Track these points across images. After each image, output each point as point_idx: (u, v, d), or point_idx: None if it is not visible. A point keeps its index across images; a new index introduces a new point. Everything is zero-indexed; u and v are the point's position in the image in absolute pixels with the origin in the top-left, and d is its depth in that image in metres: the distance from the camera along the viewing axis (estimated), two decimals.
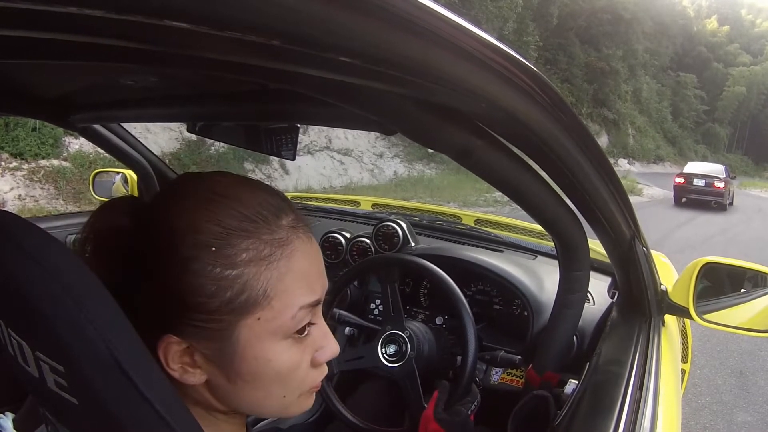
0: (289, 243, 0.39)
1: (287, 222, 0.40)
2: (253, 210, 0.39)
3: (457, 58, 0.32)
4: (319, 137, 10.04)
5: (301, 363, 0.41)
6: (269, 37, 0.23)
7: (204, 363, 0.39)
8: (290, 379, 0.41)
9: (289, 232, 0.40)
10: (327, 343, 0.43)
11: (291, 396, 0.42)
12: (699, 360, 3.18)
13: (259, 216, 0.39)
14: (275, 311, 0.38)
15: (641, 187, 15.25)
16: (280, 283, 0.39)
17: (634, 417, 0.68)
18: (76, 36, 0.22)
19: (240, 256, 0.37)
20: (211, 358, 0.38)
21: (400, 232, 1.39)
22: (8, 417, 0.46)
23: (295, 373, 0.41)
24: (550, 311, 0.97)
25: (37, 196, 5.60)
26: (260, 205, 0.39)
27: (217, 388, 0.40)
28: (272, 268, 0.38)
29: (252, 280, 0.37)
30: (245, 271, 0.37)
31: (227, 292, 0.37)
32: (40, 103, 0.84)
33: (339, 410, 1.08)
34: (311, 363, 0.42)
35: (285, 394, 0.41)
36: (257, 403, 0.41)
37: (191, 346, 0.38)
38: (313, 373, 0.43)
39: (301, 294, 0.40)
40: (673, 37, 33.71)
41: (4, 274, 0.31)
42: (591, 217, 0.72)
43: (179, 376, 0.38)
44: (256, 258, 0.38)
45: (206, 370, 0.39)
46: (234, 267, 0.37)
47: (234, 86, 0.59)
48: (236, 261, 0.37)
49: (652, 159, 27.53)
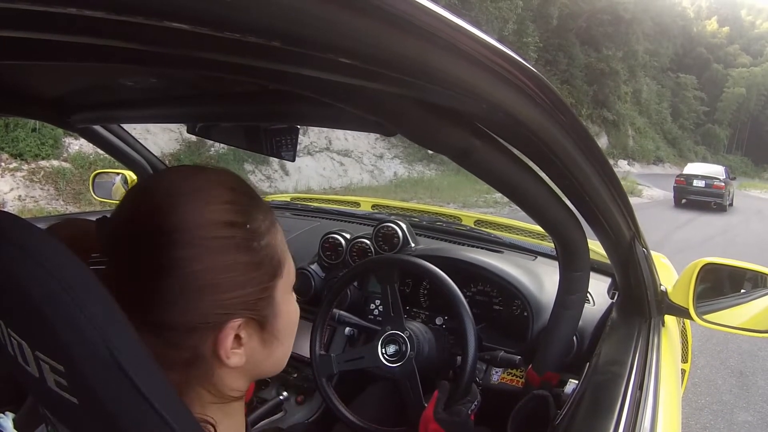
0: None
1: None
2: (244, 187, 0.43)
3: (457, 59, 0.32)
4: (319, 138, 10.04)
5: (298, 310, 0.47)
6: (269, 38, 0.23)
7: (247, 339, 0.41)
8: (295, 327, 0.47)
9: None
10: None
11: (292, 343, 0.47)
12: (699, 360, 3.18)
13: (251, 191, 0.43)
14: (289, 266, 0.44)
15: (641, 188, 15.26)
16: (282, 242, 0.44)
17: (634, 417, 0.68)
18: (76, 37, 0.22)
19: (262, 226, 0.42)
20: (257, 329, 0.42)
21: (400, 233, 1.39)
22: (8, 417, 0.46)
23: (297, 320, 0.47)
24: (550, 312, 0.97)
25: (37, 196, 5.60)
26: (238, 182, 0.43)
27: (250, 360, 0.42)
28: (278, 229, 0.44)
29: (273, 243, 0.42)
30: (269, 238, 0.42)
31: (267, 260, 0.41)
32: (40, 104, 0.84)
33: (339, 410, 1.08)
34: None
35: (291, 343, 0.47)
36: (279, 360, 0.45)
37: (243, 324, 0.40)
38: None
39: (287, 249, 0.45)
40: (673, 38, 33.71)
41: (4, 274, 0.31)
42: (591, 218, 0.73)
43: (229, 360, 0.40)
44: (270, 224, 0.43)
45: (247, 347, 0.41)
46: (262, 237, 0.41)
47: (234, 87, 0.59)
48: (262, 231, 0.41)
49: (652, 160, 27.53)
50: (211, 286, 0.38)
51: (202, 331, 0.38)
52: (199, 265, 0.37)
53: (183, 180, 0.41)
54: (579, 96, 20.67)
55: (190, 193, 0.39)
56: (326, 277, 1.42)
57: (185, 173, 0.42)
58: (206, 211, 0.38)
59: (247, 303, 0.40)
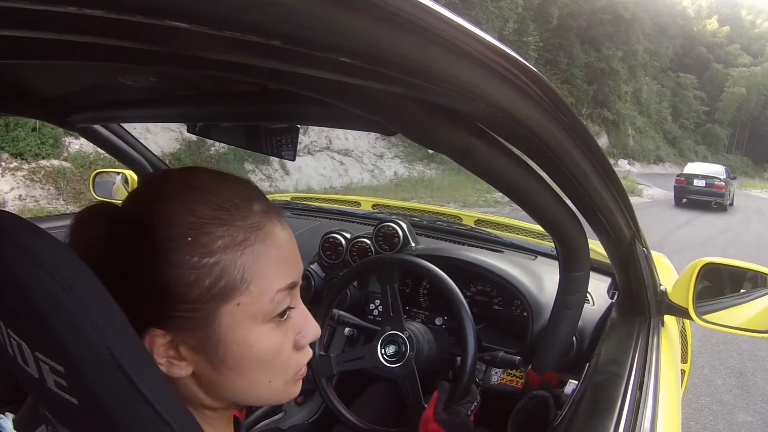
0: (262, 227, 0.40)
1: (259, 208, 0.41)
2: (225, 198, 0.40)
3: (457, 58, 0.32)
4: (319, 138, 10.05)
5: (283, 346, 0.42)
6: (269, 37, 0.23)
7: (189, 354, 0.39)
8: (274, 364, 0.42)
9: (261, 217, 0.41)
10: (308, 326, 0.44)
11: (277, 381, 0.43)
12: (699, 360, 3.19)
13: (231, 203, 0.39)
14: (254, 295, 0.39)
15: (641, 187, 15.27)
16: (256, 266, 0.39)
17: (634, 417, 0.68)
18: (76, 36, 0.22)
19: (216, 243, 0.38)
20: (196, 348, 0.39)
21: (401, 232, 1.39)
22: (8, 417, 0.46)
23: (278, 357, 0.42)
24: (549, 312, 0.97)
25: (38, 196, 5.60)
26: (231, 193, 0.40)
27: (204, 379, 0.40)
28: (248, 253, 0.39)
29: (229, 265, 0.38)
30: (222, 257, 0.38)
31: (206, 280, 0.37)
32: (40, 103, 0.84)
33: (339, 410, 1.08)
34: (294, 346, 0.43)
35: (270, 380, 0.42)
36: (244, 390, 0.42)
37: (175, 338, 0.38)
38: (296, 356, 0.44)
39: (277, 277, 0.41)
40: (673, 37, 33.71)
41: (5, 274, 0.31)
42: (591, 218, 0.72)
43: (166, 369, 0.39)
44: (231, 244, 0.38)
45: (192, 362, 0.39)
46: (211, 255, 0.38)
47: (234, 86, 0.59)
48: (212, 248, 0.38)
49: (652, 160, 27.54)
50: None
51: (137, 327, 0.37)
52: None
53: (184, 177, 0.41)
54: (579, 95, 20.67)
55: (171, 193, 0.39)
56: (326, 277, 1.42)
57: (198, 173, 0.42)
58: (169, 212, 0.38)
59: (162, 316, 0.38)
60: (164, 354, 0.38)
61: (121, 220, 0.40)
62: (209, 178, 0.41)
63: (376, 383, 1.24)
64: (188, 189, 0.39)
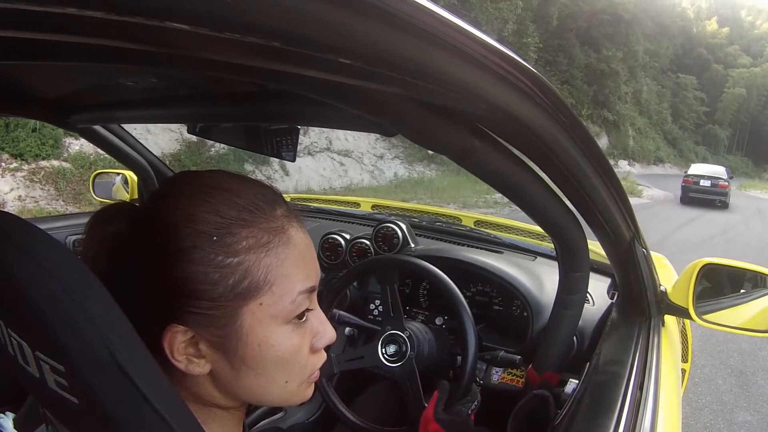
0: (285, 231, 0.41)
1: (281, 212, 0.42)
2: (249, 200, 0.40)
3: (457, 59, 0.32)
4: (319, 138, 10.04)
5: (301, 348, 0.43)
6: (270, 38, 0.23)
7: (209, 352, 0.40)
8: (292, 365, 0.42)
9: (284, 221, 0.42)
10: (324, 329, 0.45)
11: (293, 383, 0.43)
12: (699, 360, 3.19)
13: (256, 206, 0.40)
14: (276, 296, 0.40)
15: (641, 188, 15.28)
16: (280, 268, 0.40)
17: (635, 417, 0.68)
18: (76, 37, 0.22)
19: (240, 244, 0.39)
20: (216, 346, 0.40)
21: (400, 233, 1.39)
22: (8, 417, 0.46)
23: (296, 358, 0.42)
24: (549, 312, 0.97)
25: (38, 196, 5.60)
26: (255, 197, 0.41)
27: (221, 377, 0.41)
28: (271, 255, 0.40)
29: (253, 266, 0.39)
30: (246, 258, 0.39)
31: (230, 279, 0.38)
32: (40, 104, 0.84)
33: (339, 410, 1.08)
34: (310, 349, 0.44)
35: (287, 380, 0.43)
36: (260, 390, 0.42)
37: (196, 335, 0.39)
38: (312, 358, 0.44)
39: (299, 279, 0.42)
40: (672, 38, 33.73)
41: (4, 275, 0.31)
42: (591, 219, 0.73)
43: (185, 366, 0.39)
44: (255, 245, 0.39)
45: (210, 360, 0.40)
46: (235, 255, 0.38)
47: (234, 87, 0.59)
48: (237, 249, 0.39)
49: (652, 160, 27.54)
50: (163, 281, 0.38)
51: (157, 324, 0.38)
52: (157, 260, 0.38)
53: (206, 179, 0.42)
54: (579, 96, 20.67)
55: (194, 193, 0.40)
56: (326, 278, 1.42)
57: (222, 176, 0.42)
58: (193, 212, 0.39)
59: (183, 313, 0.38)
60: (183, 351, 0.39)
61: (143, 217, 0.41)
62: (233, 181, 0.42)
63: (376, 383, 1.24)
64: (212, 190, 0.40)
